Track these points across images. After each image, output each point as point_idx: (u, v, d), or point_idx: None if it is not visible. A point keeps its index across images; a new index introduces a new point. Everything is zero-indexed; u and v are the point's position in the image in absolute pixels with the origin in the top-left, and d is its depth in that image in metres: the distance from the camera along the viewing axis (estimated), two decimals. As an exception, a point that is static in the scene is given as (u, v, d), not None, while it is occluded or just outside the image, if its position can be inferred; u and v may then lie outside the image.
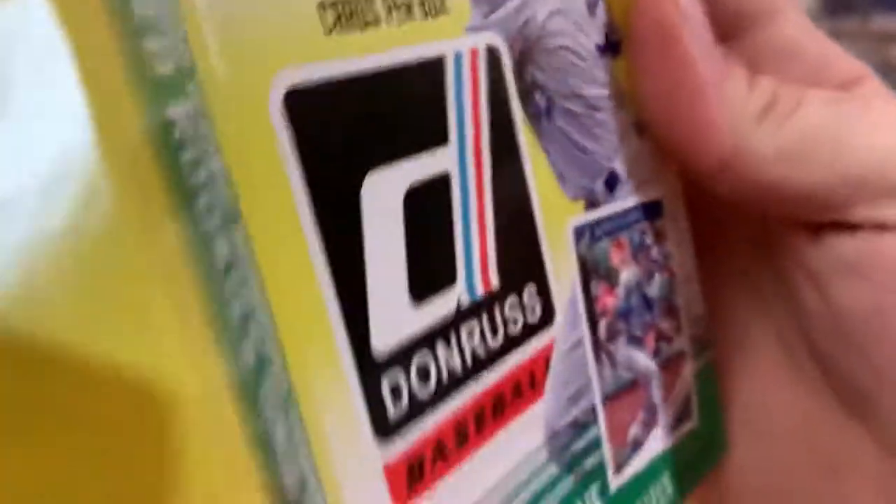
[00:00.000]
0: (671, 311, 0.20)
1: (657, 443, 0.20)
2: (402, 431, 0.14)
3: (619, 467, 0.18)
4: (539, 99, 0.17)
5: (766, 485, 0.22)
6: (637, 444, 0.19)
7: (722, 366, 0.22)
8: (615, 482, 0.18)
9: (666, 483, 0.20)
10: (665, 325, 0.20)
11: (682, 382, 0.20)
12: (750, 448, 0.22)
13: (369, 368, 0.13)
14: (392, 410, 0.14)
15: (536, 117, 0.17)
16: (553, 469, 0.17)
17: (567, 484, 0.17)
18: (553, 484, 0.17)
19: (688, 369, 0.21)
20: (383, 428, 0.13)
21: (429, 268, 0.14)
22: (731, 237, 0.22)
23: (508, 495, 0.16)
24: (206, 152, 0.11)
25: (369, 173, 0.13)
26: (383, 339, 0.13)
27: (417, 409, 0.14)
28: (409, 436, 0.14)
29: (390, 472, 0.13)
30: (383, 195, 0.14)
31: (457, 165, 0.15)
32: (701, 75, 0.17)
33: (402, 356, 0.14)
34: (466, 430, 0.15)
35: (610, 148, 0.18)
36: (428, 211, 0.14)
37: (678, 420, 0.20)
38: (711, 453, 0.22)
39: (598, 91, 0.18)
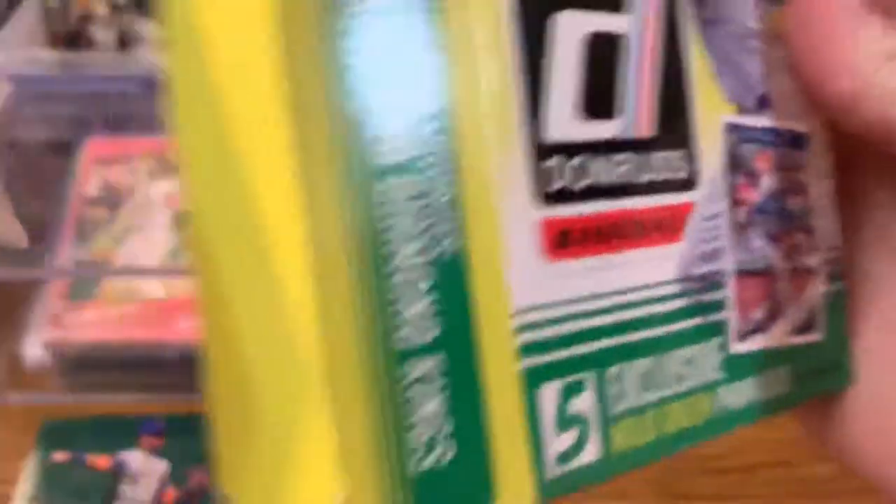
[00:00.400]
0: (807, 230, 0.23)
1: (778, 336, 0.22)
2: (557, 204, 0.18)
3: (741, 337, 0.21)
4: (705, 12, 0.21)
5: (881, 427, 0.24)
6: (759, 327, 0.22)
7: (851, 309, 0.24)
8: (735, 347, 0.21)
9: (782, 377, 0.22)
10: (800, 238, 0.23)
11: (810, 293, 0.23)
12: (871, 389, 0.24)
13: (538, 146, 0.17)
14: (551, 185, 0.18)
15: (702, 24, 0.21)
16: (682, 303, 0.20)
17: (691, 322, 0.20)
18: (678, 315, 0.20)
19: (817, 286, 0.23)
20: (541, 194, 0.17)
21: (596, 97, 0.19)
22: (870, 184, 0.24)
23: (637, 302, 0.19)
24: None
25: (561, 11, 0.18)
26: (552, 132, 0.18)
27: (571, 194, 0.18)
28: (561, 209, 0.18)
29: (544, 227, 0.17)
30: (569, 30, 0.18)
31: (633, 31, 0.19)
32: (834, 14, 0.21)
33: (565, 149, 0.18)
34: (609, 232, 0.19)
35: (763, 75, 0.22)
36: (602, 56, 0.19)
37: (803, 327, 0.23)
38: (834, 376, 0.24)
39: (755, 25, 0.22)
